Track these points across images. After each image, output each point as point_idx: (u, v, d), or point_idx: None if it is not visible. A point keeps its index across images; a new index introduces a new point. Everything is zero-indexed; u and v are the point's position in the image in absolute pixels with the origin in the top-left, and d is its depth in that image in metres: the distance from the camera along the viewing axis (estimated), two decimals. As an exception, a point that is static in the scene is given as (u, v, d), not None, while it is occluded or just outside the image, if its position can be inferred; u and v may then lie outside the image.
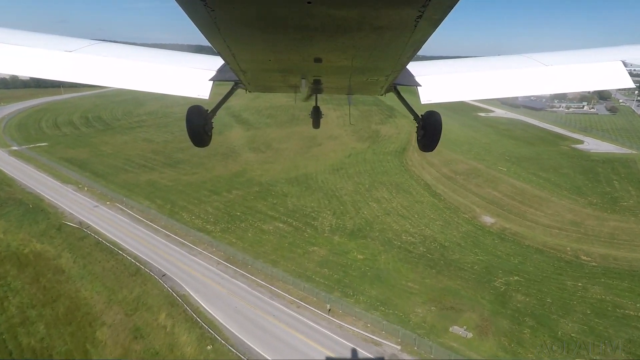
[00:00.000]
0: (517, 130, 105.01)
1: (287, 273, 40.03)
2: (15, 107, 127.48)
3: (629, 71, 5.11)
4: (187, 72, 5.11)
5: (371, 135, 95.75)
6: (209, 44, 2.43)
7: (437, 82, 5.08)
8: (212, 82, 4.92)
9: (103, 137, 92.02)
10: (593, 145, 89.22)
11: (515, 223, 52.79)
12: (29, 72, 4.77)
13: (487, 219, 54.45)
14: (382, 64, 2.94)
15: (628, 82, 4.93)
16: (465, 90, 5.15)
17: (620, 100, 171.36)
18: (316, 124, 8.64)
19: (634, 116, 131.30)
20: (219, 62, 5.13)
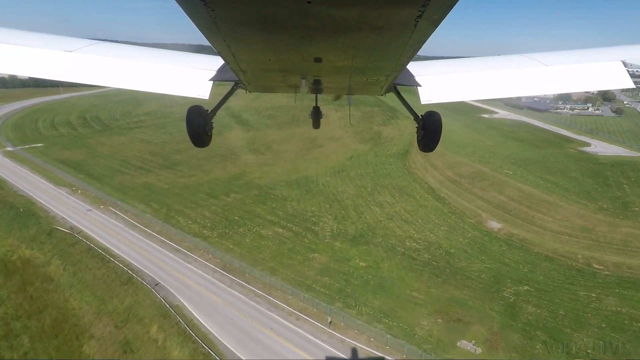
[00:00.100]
0: (521, 132, 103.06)
1: (286, 281, 38.29)
2: (13, 106, 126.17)
3: (629, 71, 5.04)
4: (187, 72, 5.09)
5: (373, 136, 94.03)
6: (209, 44, 2.43)
7: (437, 82, 5.05)
8: (212, 82, 4.89)
9: (100, 137, 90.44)
10: (600, 147, 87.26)
11: (523, 229, 50.91)
12: (29, 72, 4.72)
13: (493, 224, 52.61)
14: (382, 63, 2.91)
15: (628, 82, 4.89)
16: (465, 91, 5.10)
17: (625, 102, 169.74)
18: (316, 124, 8.57)
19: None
20: (219, 62, 5.10)
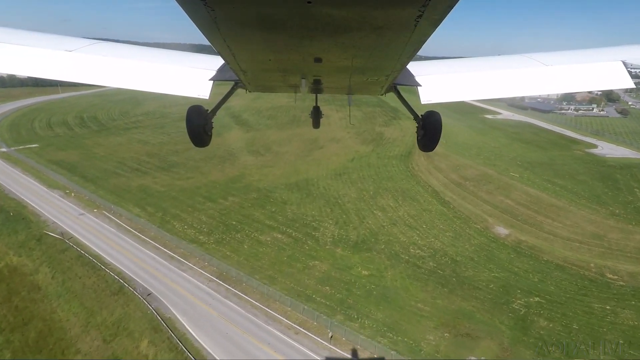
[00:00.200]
0: (526, 133, 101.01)
1: (285, 291, 36.50)
2: (11, 106, 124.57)
3: (629, 71, 4.94)
4: (187, 71, 5.01)
5: (375, 137, 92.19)
6: (209, 44, 2.42)
7: (437, 82, 4.98)
8: (212, 82, 4.82)
9: (97, 138, 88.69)
10: (608, 149, 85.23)
11: (532, 235, 49.01)
12: (29, 71, 4.65)
13: (500, 230, 50.72)
14: (382, 63, 2.89)
15: (628, 82, 4.81)
16: (465, 90, 5.01)
17: (630, 103, 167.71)
18: (316, 124, 8.53)
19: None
20: (219, 61, 5.05)
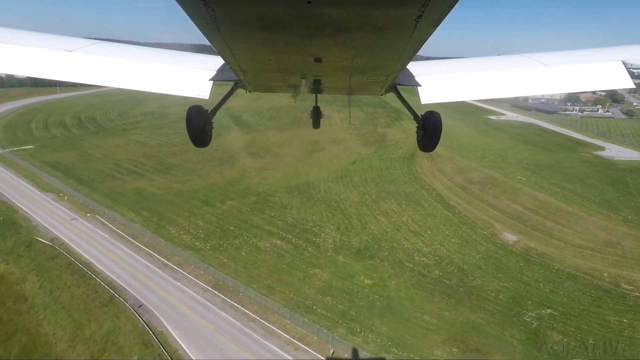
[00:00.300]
0: (531, 135, 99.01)
1: (284, 302, 34.73)
2: (8, 106, 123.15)
3: (629, 71, 4.89)
4: (187, 71, 4.97)
5: (377, 139, 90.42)
6: (209, 44, 2.42)
7: (437, 82, 4.93)
8: (212, 82, 4.79)
9: (94, 139, 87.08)
10: (616, 152, 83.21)
11: (541, 242, 47.10)
12: (29, 72, 4.61)
13: (508, 236, 48.83)
14: (382, 63, 2.88)
15: (628, 82, 4.78)
16: (465, 90, 4.95)
17: (635, 104, 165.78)
18: (316, 123, 8.45)
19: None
20: (219, 62, 5.04)
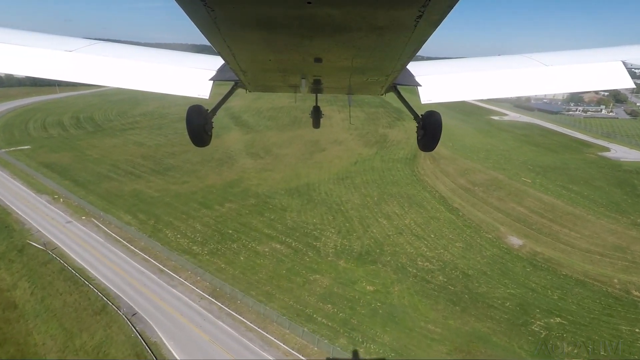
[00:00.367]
0: (535, 135, 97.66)
1: (283, 310, 33.54)
2: (7, 106, 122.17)
3: (629, 71, 4.88)
4: (187, 71, 4.98)
5: (379, 139, 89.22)
6: (209, 44, 2.41)
7: (437, 82, 4.93)
8: (212, 81, 4.80)
9: (92, 139, 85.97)
10: (621, 153, 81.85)
11: (548, 246, 45.82)
12: (29, 72, 4.62)
13: (514, 240, 47.56)
14: (382, 63, 2.88)
15: (628, 82, 4.77)
16: (465, 90, 4.96)
17: (638, 104, 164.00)
18: (316, 123, 8.40)
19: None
20: (219, 62, 5.04)
